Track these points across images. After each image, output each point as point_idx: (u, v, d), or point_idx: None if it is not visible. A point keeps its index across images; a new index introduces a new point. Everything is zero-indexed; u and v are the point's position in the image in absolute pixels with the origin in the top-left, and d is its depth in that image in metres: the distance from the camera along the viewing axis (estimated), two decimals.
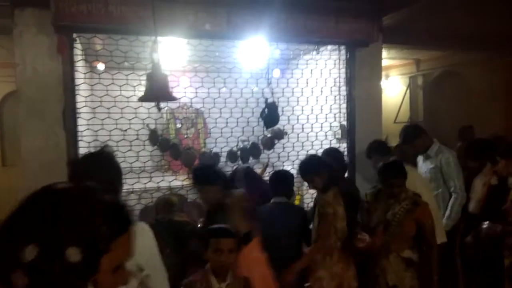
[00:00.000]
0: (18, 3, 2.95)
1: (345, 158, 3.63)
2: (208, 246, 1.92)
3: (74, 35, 3.11)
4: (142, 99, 2.44)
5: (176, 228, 2.66)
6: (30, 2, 2.94)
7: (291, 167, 3.95)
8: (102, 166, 1.49)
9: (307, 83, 3.85)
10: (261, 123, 3.74)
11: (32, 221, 0.69)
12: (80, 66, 3.22)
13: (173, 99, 2.47)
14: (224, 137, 3.69)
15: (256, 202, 2.94)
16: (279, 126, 3.71)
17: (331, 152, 3.36)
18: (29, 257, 0.64)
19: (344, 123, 3.99)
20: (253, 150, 3.71)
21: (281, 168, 4.31)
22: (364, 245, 2.56)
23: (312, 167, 2.69)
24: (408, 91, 7.84)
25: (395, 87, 8.17)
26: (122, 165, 3.32)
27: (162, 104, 3.57)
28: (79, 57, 3.24)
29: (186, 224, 2.84)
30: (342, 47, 3.92)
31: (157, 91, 2.31)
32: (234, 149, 3.69)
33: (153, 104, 3.44)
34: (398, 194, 2.59)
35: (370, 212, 2.76)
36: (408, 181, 2.67)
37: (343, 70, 3.94)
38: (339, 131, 4.02)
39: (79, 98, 3.18)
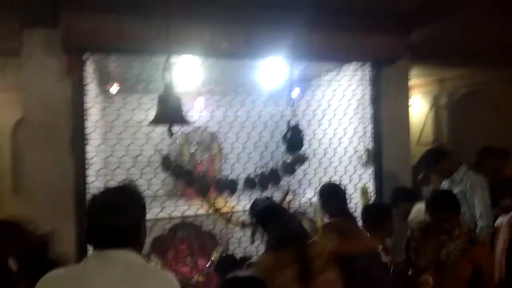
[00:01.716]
0: (27, 22, 2.82)
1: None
2: None
3: (85, 56, 2.96)
4: (153, 122, 2.22)
5: None
6: (40, 21, 2.81)
7: (312, 195, 3.67)
8: (128, 203, 1.34)
9: (328, 104, 3.61)
10: (281, 148, 3.49)
11: None
12: (90, 89, 3.05)
13: (186, 123, 2.25)
14: (241, 162, 3.45)
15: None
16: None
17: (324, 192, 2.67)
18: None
19: (370, 146, 3.71)
20: (272, 177, 3.44)
21: (301, 195, 4.04)
22: None
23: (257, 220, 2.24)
24: (431, 111, 7.53)
25: (417, 107, 7.86)
26: None
27: (175, 128, 3.39)
28: (89, 80, 3.08)
29: None
30: (367, 65, 3.68)
31: (170, 114, 2.09)
32: (252, 175, 3.43)
33: (165, 128, 3.27)
34: (450, 230, 2.26)
35: (418, 251, 2.39)
36: None
37: (367, 90, 3.70)
38: (365, 156, 3.73)
39: (88, 123, 3.01)
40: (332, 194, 2.55)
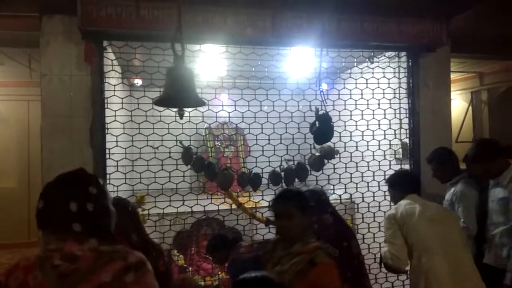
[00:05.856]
0: (46, 10, 2.75)
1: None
2: None
3: (105, 43, 2.87)
4: (158, 101, 1.92)
5: None
6: (58, 9, 2.74)
7: (343, 192, 3.43)
8: None
9: (361, 94, 3.36)
10: (309, 140, 3.27)
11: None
12: (110, 77, 2.95)
13: (200, 103, 1.93)
14: (266, 156, 3.26)
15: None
16: (329, 143, 3.20)
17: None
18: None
19: (406, 140, 3.43)
20: (299, 171, 3.21)
21: (331, 192, 3.82)
22: None
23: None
24: (470, 107, 7.09)
25: (455, 103, 7.43)
26: (153, 186, 3.01)
27: (197, 119, 3.23)
28: (109, 68, 2.98)
29: None
30: (403, 53, 3.41)
31: (179, 92, 1.81)
32: (277, 169, 3.22)
33: (187, 119, 3.12)
34: (291, 242, 1.72)
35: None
36: None
37: (404, 80, 3.42)
38: (400, 150, 3.46)
39: (108, 113, 2.91)
40: None
